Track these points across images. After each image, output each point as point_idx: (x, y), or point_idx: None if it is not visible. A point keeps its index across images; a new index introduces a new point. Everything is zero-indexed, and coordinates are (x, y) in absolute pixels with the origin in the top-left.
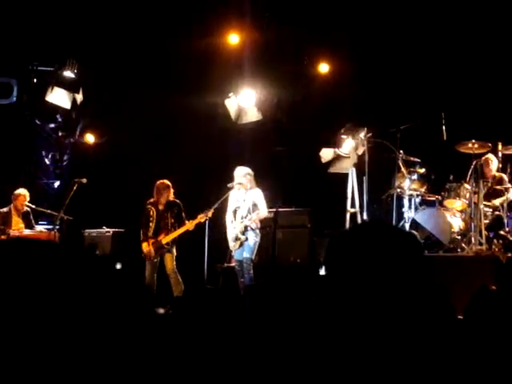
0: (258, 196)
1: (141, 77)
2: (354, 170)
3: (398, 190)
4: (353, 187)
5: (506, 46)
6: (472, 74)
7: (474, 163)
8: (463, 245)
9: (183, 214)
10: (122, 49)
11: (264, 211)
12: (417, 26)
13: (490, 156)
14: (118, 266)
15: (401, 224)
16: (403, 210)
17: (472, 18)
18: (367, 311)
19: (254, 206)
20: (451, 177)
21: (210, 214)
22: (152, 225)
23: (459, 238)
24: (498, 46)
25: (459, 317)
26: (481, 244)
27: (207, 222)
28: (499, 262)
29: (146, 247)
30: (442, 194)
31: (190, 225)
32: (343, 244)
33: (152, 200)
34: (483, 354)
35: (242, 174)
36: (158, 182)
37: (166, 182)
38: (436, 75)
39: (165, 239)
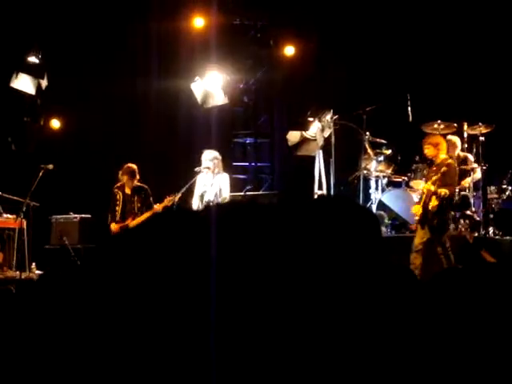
0: (224, 180)
1: (106, 61)
2: (320, 152)
3: (365, 172)
4: (320, 169)
5: (468, 26)
6: (437, 55)
7: None
8: None
9: (151, 199)
10: (87, 33)
11: (226, 196)
12: (381, 8)
13: (452, 137)
14: None
15: (368, 205)
16: (370, 191)
17: None
18: (319, 282)
19: (221, 190)
20: (417, 158)
21: (177, 197)
22: (118, 208)
23: None
24: (461, 26)
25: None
26: None
27: (174, 206)
28: (466, 241)
29: (114, 227)
30: (409, 174)
31: (157, 207)
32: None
33: (119, 184)
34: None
35: (210, 157)
36: (125, 166)
37: (133, 166)
38: (401, 56)
39: (132, 223)
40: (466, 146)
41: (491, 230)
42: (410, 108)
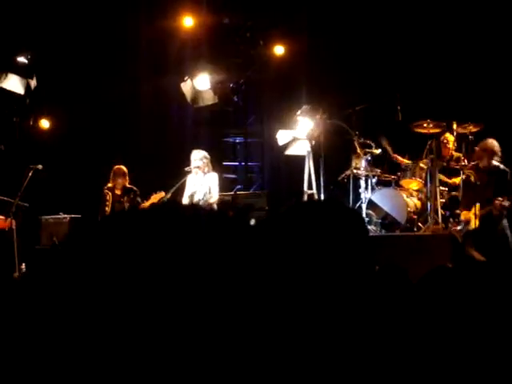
0: (213, 180)
1: (95, 61)
2: (310, 151)
3: (355, 171)
4: (309, 169)
5: (457, 24)
6: (426, 54)
7: (429, 143)
8: (420, 224)
9: (139, 200)
10: (76, 33)
11: (215, 196)
12: (370, 7)
13: (448, 135)
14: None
15: (358, 205)
16: (360, 190)
17: None
18: (307, 287)
19: (210, 189)
20: (406, 156)
21: (167, 197)
22: (108, 209)
23: (416, 217)
24: (450, 25)
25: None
26: (437, 223)
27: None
28: (456, 240)
29: None
30: (398, 174)
31: (145, 205)
32: (288, 221)
33: (109, 185)
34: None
35: (199, 157)
36: (115, 167)
37: (123, 167)
38: (390, 56)
39: None
40: (456, 144)
41: None
42: (399, 107)
